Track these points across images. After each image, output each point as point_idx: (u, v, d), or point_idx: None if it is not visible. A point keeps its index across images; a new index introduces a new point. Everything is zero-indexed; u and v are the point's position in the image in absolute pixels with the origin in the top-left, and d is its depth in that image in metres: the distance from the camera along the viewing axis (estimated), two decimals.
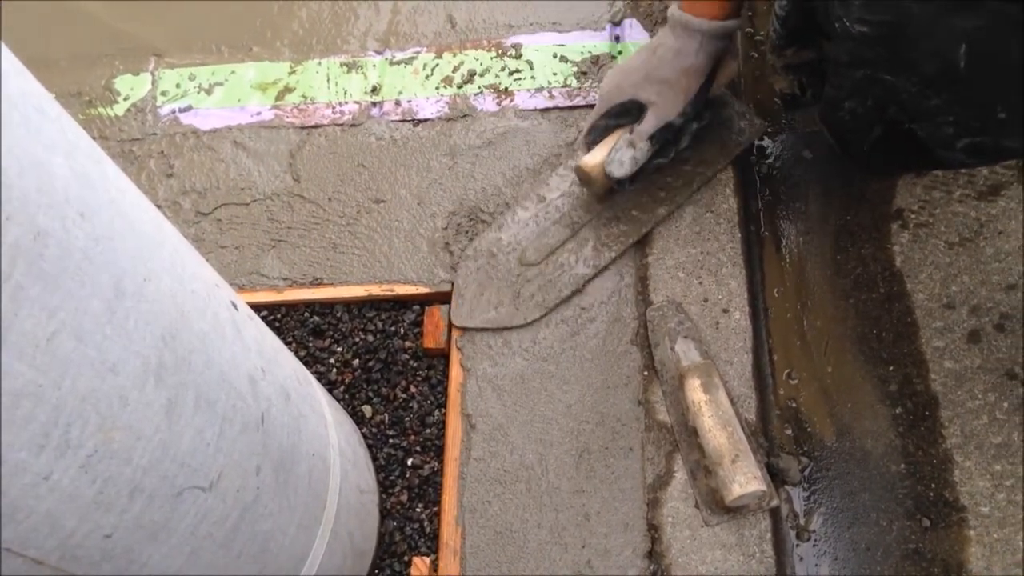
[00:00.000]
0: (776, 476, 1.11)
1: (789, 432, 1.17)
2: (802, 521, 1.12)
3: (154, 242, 0.60)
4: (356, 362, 1.25)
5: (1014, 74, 0.92)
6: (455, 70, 1.46)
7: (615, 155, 1.17)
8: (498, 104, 1.42)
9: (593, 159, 1.20)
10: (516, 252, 1.27)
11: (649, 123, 1.16)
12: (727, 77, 1.22)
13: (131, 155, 1.44)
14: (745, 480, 1.03)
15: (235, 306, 0.75)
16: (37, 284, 0.46)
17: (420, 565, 1.09)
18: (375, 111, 1.44)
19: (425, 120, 1.42)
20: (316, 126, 1.43)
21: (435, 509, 1.14)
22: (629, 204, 1.26)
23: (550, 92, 1.42)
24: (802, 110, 1.24)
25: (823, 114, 1.17)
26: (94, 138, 0.56)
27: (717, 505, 1.06)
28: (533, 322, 1.22)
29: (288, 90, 1.48)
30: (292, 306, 1.29)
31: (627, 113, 1.18)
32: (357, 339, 1.26)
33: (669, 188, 1.26)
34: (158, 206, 1.35)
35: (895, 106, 1.01)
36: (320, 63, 1.50)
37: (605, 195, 1.25)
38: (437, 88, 1.44)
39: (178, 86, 1.50)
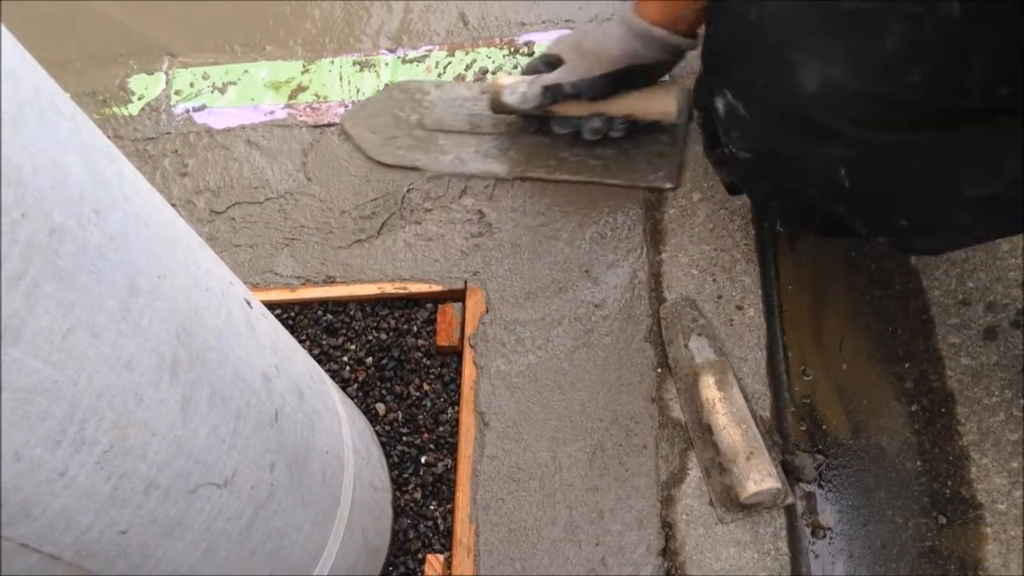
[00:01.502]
0: (791, 473, 1.11)
1: (804, 429, 1.16)
2: (817, 518, 1.11)
3: (168, 240, 0.61)
4: (369, 360, 1.25)
5: (899, 190, 0.93)
6: (467, 68, 1.46)
7: (514, 84, 1.24)
8: None
9: (502, 80, 1.27)
10: (426, 111, 1.38)
11: (550, 75, 1.21)
12: (655, 112, 1.25)
13: (145, 154, 1.44)
14: (760, 477, 1.02)
15: (249, 304, 0.75)
16: (52, 281, 0.46)
17: (434, 563, 1.09)
18: None
19: None
20: (329, 124, 1.44)
21: (449, 507, 1.14)
22: (524, 149, 1.34)
23: None
24: (743, 196, 1.24)
25: (758, 212, 1.19)
26: (109, 137, 0.56)
27: (732, 502, 1.06)
28: (379, 164, 1.37)
29: (301, 89, 1.48)
30: (306, 304, 1.29)
31: (553, 65, 1.23)
32: (370, 337, 1.26)
33: (562, 163, 1.32)
34: (172, 205, 1.35)
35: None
36: (333, 62, 1.51)
37: (499, 113, 1.31)
38: None
39: (192, 85, 1.51)
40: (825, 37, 0.85)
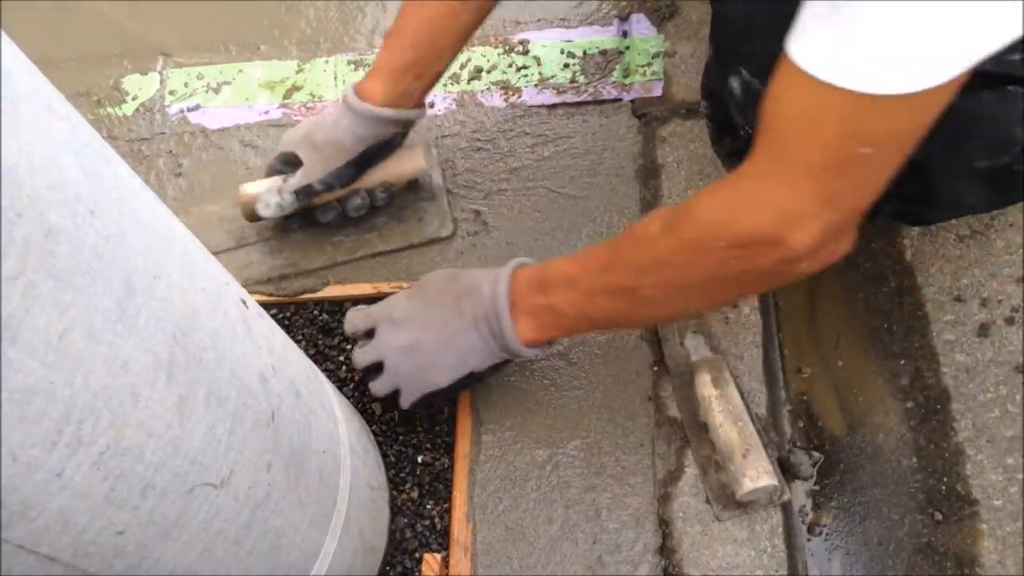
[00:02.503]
0: (787, 471, 1.11)
1: (800, 426, 1.16)
2: (813, 515, 1.11)
3: (164, 240, 0.60)
4: None
5: (912, 162, 0.94)
6: (462, 67, 1.46)
7: (266, 196, 1.22)
8: (506, 100, 1.42)
9: (249, 190, 1.25)
10: None
11: (295, 179, 1.20)
12: (411, 173, 1.27)
13: (140, 154, 1.44)
14: (756, 475, 1.02)
15: (245, 304, 0.75)
16: (48, 281, 0.46)
17: (431, 562, 1.09)
18: None
19: (433, 117, 1.42)
20: None
21: (446, 506, 1.14)
22: (297, 245, 1.32)
23: (558, 88, 1.41)
24: None
25: None
26: (103, 138, 0.56)
27: (728, 500, 1.06)
28: None
29: (296, 88, 1.48)
30: (301, 304, 1.29)
31: (291, 163, 1.22)
32: None
33: (337, 247, 1.31)
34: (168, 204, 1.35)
35: None
36: (328, 61, 1.50)
37: (254, 222, 1.29)
38: (444, 85, 1.44)
39: (186, 85, 1.51)
40: None
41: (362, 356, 1.07)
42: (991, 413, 1.12)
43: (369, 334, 1.08)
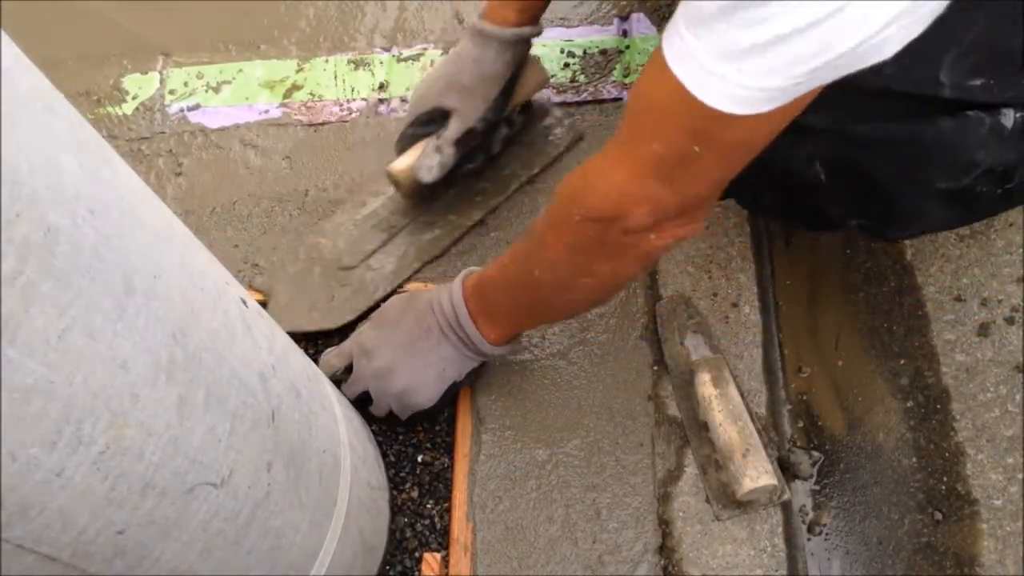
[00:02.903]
0: (787, 470, 1.11)
1: (800, 426, 1.16)
2: (813, 515, 1.11)
3: (164, 239, 0.60)
4: None
5: (873, 184, 0.96)
6: None
7: (423, 160, 1.19)
8: None
9: (401, 164, 1.22)
10: (333, 256, 1.28)
11: (453, 129, 1.19)
12: (536, 85, 1.28)
13: (140, 154, 1.44)
14: (756, 474, 1.02)
15: (245, 303, 0.75)
16: (48, 281, 0.46)
17: (431, 561, 1.09)
18: (383, 108, 1.44)
19: None
20: (324, 123, 1.43)
21: (446, 505, 1.14)
22: (446, 209, 1.30)
23: (558, 88, 1.41)
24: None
25: (749, 209, 1.20)
26: (103, 137, 0.56)
27: (728, 500, 1.06)
28: (344, 326, 1.22)
29: (296, 88, 1.48)
30: None
31: (433, 121, 1.20)
32: None
33: (485, 193, 1.30)
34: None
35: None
36: (327, 61, 1.50)
37: (415, 199, 1.28)
38: None
39: (186, 85, 1.51)
40: None
41: (348, 391, 1.11)
42: (991, 413, 1.12)
43: (349, 369, 1.11)
